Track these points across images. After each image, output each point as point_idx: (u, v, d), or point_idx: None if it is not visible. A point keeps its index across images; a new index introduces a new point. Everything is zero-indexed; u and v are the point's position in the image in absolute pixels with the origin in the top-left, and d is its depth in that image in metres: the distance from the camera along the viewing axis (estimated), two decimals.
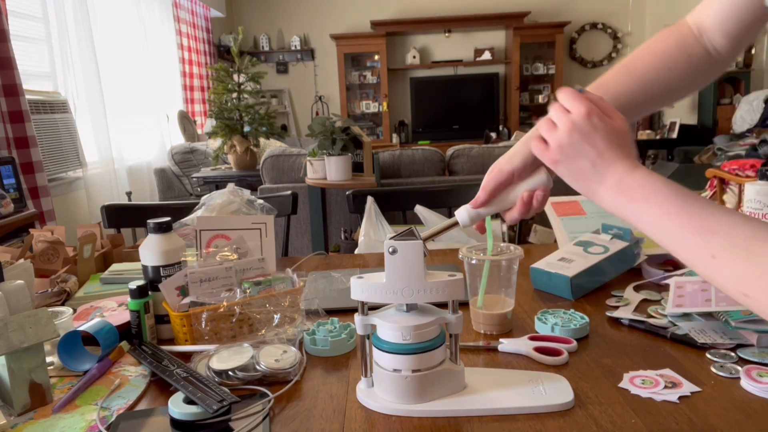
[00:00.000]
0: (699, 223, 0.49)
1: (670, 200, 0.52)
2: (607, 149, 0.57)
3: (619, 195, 0.56)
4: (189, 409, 0.67)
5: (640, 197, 0.54)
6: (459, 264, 1.25)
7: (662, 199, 0.53)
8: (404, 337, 0.68)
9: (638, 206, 0.54)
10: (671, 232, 0.51)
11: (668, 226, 0.51)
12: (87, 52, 3.50)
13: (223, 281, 0.94)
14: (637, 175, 0.56)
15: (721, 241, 0.47)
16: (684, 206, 0.51)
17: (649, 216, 0.53)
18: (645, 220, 0.54)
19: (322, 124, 2.78)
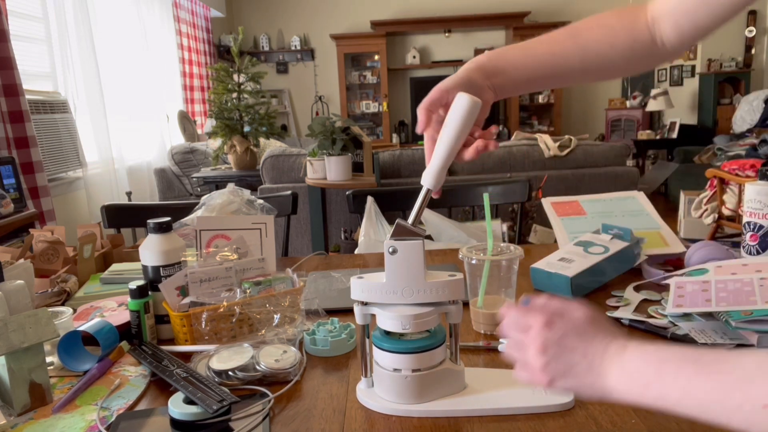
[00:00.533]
0: (727, 378, 0.44)
1: (681, 367, 0.47)
2: (588, 344, 0.53)
3: (631, 385, 0.49)
4: (189, 409, 0.67)
5: (652, 377, 0.48)
6: (459, 264, 1.25)
7: (675, 369, 0.47)
8: (404, 326, 0.67)
9: (655, 389, 0.48)
10: (705, 400, 0.45)
11: (698, 395, 0.45)
12: (87, 52, 3.50)
13: (223, 281, 0.94)
14: (631, 355, 0.50)
15: (764, 386, 0.42)
16: (701, 367, 0.46)
17: (674, 395, 0.46)
18: (672, 400, 0.47)
19: (322, 124, 2.78)
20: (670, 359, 0.47)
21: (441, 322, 0.72)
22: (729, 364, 0.44)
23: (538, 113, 6.85)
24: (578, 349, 0.53)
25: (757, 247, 1.07)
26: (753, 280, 0.87)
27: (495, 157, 3.08)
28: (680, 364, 0.47)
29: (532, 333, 0.55)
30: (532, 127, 6.74)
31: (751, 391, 0.42)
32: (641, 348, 0.50)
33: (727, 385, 0.43)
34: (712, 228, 2.88)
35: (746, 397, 0.42)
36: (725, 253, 1.07)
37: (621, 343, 0.52)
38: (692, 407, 0.45)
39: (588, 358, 0.52)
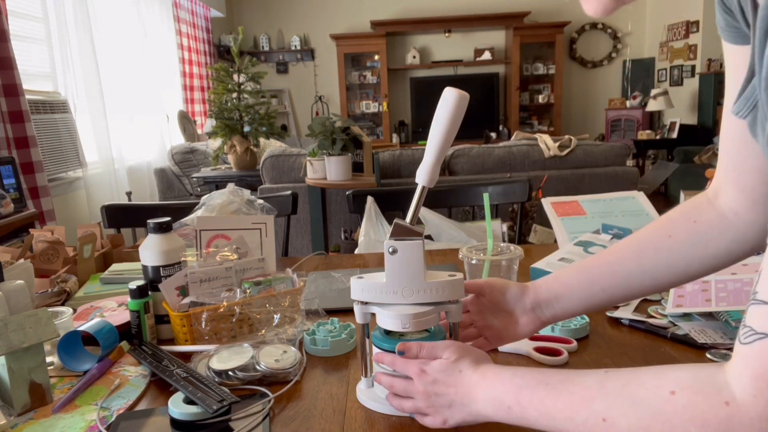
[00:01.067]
0: (572, 397, 0.50)
1: (535, 391, 0.53)
2: (456, 381, 0.59)
3: (497, 409, 0.56)
4: (189, 409, 0.67)
5: (512, 402, 0.54)
6: (459, 264, 1.25)
7: (530, 394, 0.53)
8: (404, 325, 0.67)
9: (516, 412, 0.54)
10: (558, 418, 0.51)
11: (551, 413, 0.51)
12: (87, 52, 3.50)
13: (223, 281, 0.94)
14: (490, 382, 0.57)
15: (602, 403, 0.47)
16: (550, 391, 0.52)
17: (532, 415, 0.53)
18: (531, 420, 0.53)
19: (322, 124, 2.78)
20: (524, 385, 0.54)
21: (441, 321, 0.72)
22: (574, 385, 0.51)
23: (538, 113, 6.85)
24: (450, 386, 0.60)
25: None
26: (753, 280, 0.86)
27: (495, 157, 3.08)
28: (534, 388, 0.53)
29: (413, 383, 0.62)
30: (532, 127, 6.75)
31: (593, 408, 0.48)
32: (498, 374, 0.57)
33: (574, 403, 0.50)
34: None
35: (589, 413, 0.48)
36: None
37: (481, 372, 0.58)
38: (548, 424, 0.52)
39: (460, 393, 0.59)
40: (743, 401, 0.39)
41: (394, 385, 0.65)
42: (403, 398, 0.64)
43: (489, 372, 0.58)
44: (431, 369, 0.61)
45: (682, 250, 0.67)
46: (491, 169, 3.09)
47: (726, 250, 0.65)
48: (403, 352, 0.65)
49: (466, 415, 0.59)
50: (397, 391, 0.65)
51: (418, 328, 0.68)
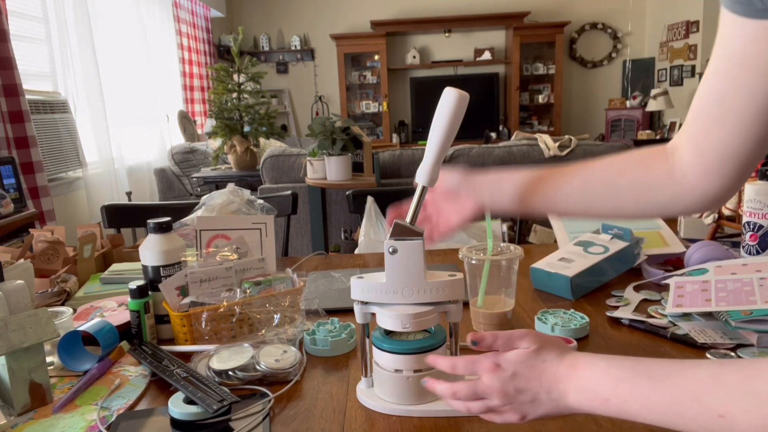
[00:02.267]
0: (684, 392, 0.46)
1: (636, 385, 0.49)
2: (540, 372, 0.55)
3: (591, 401, 0.52)
4: (189, 409, 0.67)
5: (610, 395, 0.51)
6: (459, 264, 1.25)
7: (630, 387, 0.50)
8: (404, 325, 0.67)
9: (615, 404, 0.50)
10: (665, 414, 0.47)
11: (657, 409, 0.48)
12: (87, 52, 3.50)
13: (223, 281, 0.94)
14: (583, 374, 0.53)
15: (717, 396, 0.44)
16: (655, 383, 0.48)
17: (634, 408, 0.49)
18: (632, 413, 0.49)
19: (322, 124, 2.78)
20: (623, 377, 0.50)
21: (441, 321, 0.72)
22: (683, 378, 0.47)
23: (538, 113, 6.85)
24: (533, 380, 0.55)
25: (756, 247, 1.07)
26: (753, 280, 0.87)
27: (495, 157, 3.08)
28: (635, 381, 0.49)
29: (485, 381, 0.56)
30: (532, 127, 6.74)
31: (706, 403, 0.44)
32: (592, 365, 0.53)
33: (685, 398, 0.46)
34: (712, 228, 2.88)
35: (703, 409, 0.44)
36: (725, 253, 1.07)
37: (570, 362, 0.54)
38: (652, 419, 0.48)
39: (545, 386, 0.54)
40: None
41: (457, 391, 0.58)
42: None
43: (579, 362, 0.53)
44: (508, 362, 0.56)
45: (624, 189, 0.69)
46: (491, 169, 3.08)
47: (662, 204, 0.68)
48: (477, 342, 0.60)
49: (551, 409, 0.54)
50: (462, 397, 0.58)
51: (418, 327, 0.68)
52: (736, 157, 0.59)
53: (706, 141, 0.61)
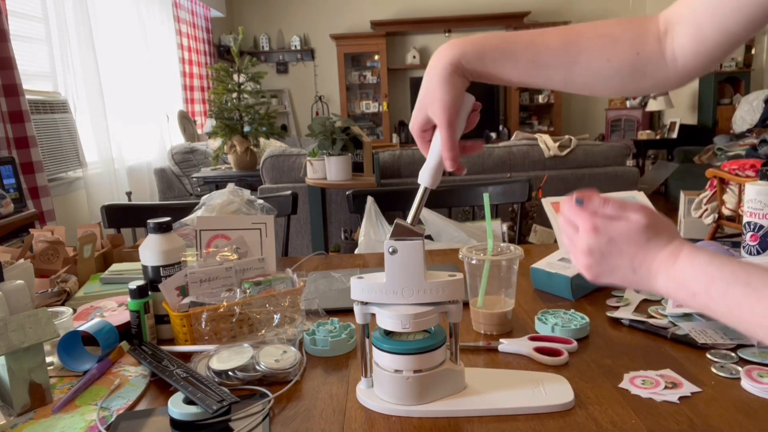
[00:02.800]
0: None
1: (729, 287, 0.48)
2: (638, 249, 0.53)
3: (678, 291, 0.52)
4: (189, 409, 0.66)
5: (700, 290, 0.50)
6: (459, 264, 1.25)
7: (723, 288, 0.48)
8: (404, 325, 0.67)
9: (702, 300, 0.50)
10: (750, 322, 0.47)
11: (743, 316, 0.47)
12: (87, 52, 3.50)
13: (223, 281, 0.94)
14: (681, 265, 0.51)
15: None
16: (749, 290, 0.47)
17: (720, 309, 0.49)
18: (717, 313, 0.49)
19: (322, 124, 2.78)
20: (720, 278, 0.49)
21: (441, 322, 0.72)
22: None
23: (538, 113, 6.85)
24: (626, 254, 0.53)
25: (757, 247, 1.07)
26: None
27: (495, 157, 3.08)
28: (729, 284, 0.48)
29: (580, 234, 0.55)
30: (532, 127, 6.74)
31: None
32: (692, 258, 0.51)
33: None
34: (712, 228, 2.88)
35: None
36: (725, 253, 1.07)
37: (673, 249, 0.52)
38: (736, 324, 0.48)
39: (635, 263, 0.53)
40: None
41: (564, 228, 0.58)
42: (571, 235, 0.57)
43: (682, 253, 0.52)
44: (610, 229, 0.54)
45: (610, 76, 0.64)
46: (491, 169, 3.09)
47: (647, 87, 0.64)
48: (582, 200, 0.56)
49: (630, 282, 0.54)
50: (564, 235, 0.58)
51: (417, 328, 0.68)
52: (731, 42, 0.56)
53: (711, 24, 0.56)
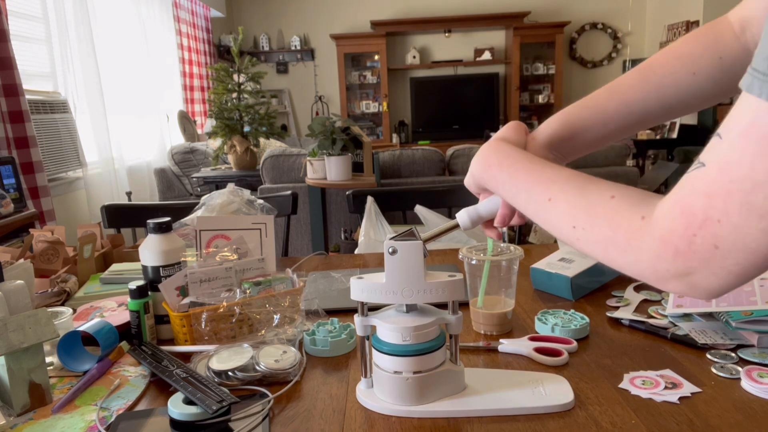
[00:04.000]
0: (541, 175, 0.56)
1: (518, 161, 0.60)
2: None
3: (478, 162, 0.64)
4: (188, 409, 0.66)
5: (494, 163, 0.62)
6: (459, 264, 1.25)
7: (512, 162, 0.60)
8: (404, 338, 0.68)
9: (493, 171, 0.62)
10: (520, 187, 0.57)
11: (517, 183, 0.58)
12: (87, 52, 3.50)
13: (223, 281, 0.94)
14: (492, 144, 0.65)
15: (559, 186, 0.53)
16: (529, 165, 0.58)
17: (504, 176, 0.60)
18: (501, 181, 0.61)
19: (322, 124, 2.78)
20: (511, 156, 0.61)
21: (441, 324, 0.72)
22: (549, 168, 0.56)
23: (538, 113, 6.85)
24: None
25: None
26: (753, 281, 0.87)
27: None
28: (517, 160, 0.60)
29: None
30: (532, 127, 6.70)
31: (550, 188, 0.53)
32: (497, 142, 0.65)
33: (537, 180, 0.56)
34: None
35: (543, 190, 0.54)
36: None
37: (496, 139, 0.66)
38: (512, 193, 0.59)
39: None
40: (654, 220, 0.41)
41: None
42: None
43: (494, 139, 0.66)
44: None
45: (705, 88, 0.63)
46: None
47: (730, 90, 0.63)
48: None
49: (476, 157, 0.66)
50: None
51: (418, 341, 0.68)
52: None
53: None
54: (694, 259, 0.38)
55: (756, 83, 0.35)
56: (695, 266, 0.38)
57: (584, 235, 0.48)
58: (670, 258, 0.39)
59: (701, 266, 0.38)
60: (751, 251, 0.36)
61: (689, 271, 0.39)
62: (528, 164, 0.58)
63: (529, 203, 0.56)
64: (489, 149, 0.64)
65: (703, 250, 0.38)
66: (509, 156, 0.61)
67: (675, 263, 0.39)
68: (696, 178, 0.38)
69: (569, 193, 0.51)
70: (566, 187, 0.52)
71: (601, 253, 0.47)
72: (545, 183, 0.54)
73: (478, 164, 0.64)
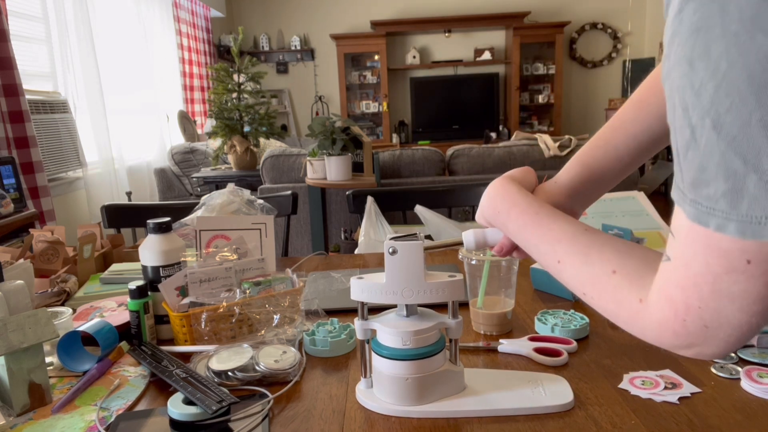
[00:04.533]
0: (548, 234, 0.57)
1: (525, 213, 0.61)
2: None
3: (487, 206, 0.65)
4: (188, 409, 0.66)
5: (502, 210, 0.63)
6: (459, 264, 1.25)
7: (520, 212, 0.61)
8: (404, 342, 0.68)
9: (502, 218, 0.63)
10: (530, 242, 0.59)
11: (526, 236, 0.60)
12: (87, 52, 3.50)
13: (222, 281, 0.94)
14: (495, 186, 0.66)
15: (565, 248, 0.55)
16: (536, 218, 0.59)
17: (513, 227, 0.62)
18: (510, 230, 0.62)
19: (322, 124, 2.78)
20: (520, 205, 0.62)
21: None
22: (555, 223, 0.58)
23: (538, 113, 6.85)
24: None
25: None
26: None
27: (495, 157, 3.08)
28: (525, 211, 0.61)
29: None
30: (532, 127, 6.74)
31: (556, 247, 0.56)
32: (505, 183, 0.66)
33: (545, 238, 0.57)
34: None
35: (552, 250, 0.56)
36: None
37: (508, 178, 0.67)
38: (520, 242, 0.61)
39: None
40: (649, 305, 0.44)
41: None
42: None
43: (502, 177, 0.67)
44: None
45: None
46: (491, 169, 3.09)
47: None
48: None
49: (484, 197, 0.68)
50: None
51: (418, 345, 0.68)
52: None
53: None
54: (691, 337, 0.42)
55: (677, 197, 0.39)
56: (695, 342, 0.42)
57: (595, 303, 0.52)
58: (671, 337, 0.43)
59: (700, 341, 0.42)
60: (736, 326, 0.39)
61: (691, 345, 0.42)
62: (535, 217, 0.59)
63: (540, 258, 0.58)
64: (496, 192, 0.65)
65: (696, 331, 0.41)
66: (517, 204, 0.62)
67: (677, 341, 0.43)
68: (668, 271, 0.42)
69: (575, 261, 0.53)
70: (571, 251, 0.54)
71: (613, 320, 0.50)
72: (552, 243, 0.56)
73: (488, 207, 0.65)
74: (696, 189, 0.36)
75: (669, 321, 0.42)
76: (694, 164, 0.36)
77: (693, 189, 0.37)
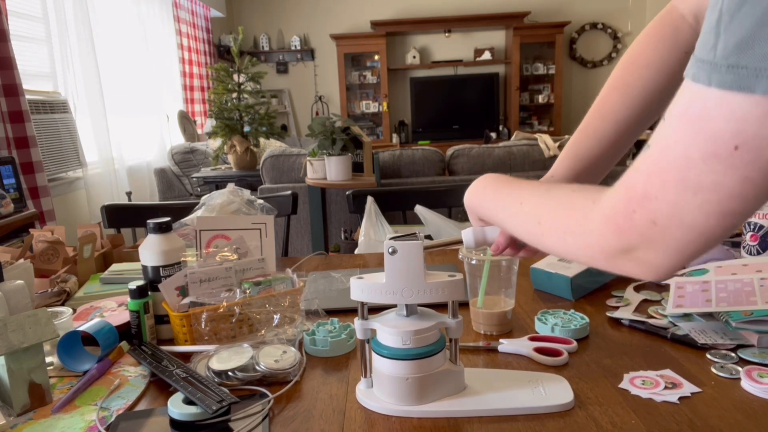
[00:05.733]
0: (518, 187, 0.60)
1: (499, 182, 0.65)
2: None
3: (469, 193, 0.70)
4: (188, 409, 0.66)
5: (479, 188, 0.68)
6: (459, 264, 1.25)
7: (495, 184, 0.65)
8: (404, 342, 0.68)
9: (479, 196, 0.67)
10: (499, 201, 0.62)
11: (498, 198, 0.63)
12: (87, 52, 3.50)
13: (223, 281, 0.94)
14: (481, 177, 0.69)
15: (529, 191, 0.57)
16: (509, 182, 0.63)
17: (487, 197, 0.65)
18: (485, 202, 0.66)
19: (322, 124, 2.78)
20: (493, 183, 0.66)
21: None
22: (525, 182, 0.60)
23: (538, 113, 6.85)
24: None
25: (757, 247, 1.07)
26: (753, 281, 0.86)
27: (495, 157, 3.08)
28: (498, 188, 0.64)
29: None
30: (532, 127, 6.74)
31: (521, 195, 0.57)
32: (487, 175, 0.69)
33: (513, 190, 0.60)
34: None
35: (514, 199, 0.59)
36: (725, 253, 1.07)
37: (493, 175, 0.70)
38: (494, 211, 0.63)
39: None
40: (601, 203, 0.43)
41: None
42: None
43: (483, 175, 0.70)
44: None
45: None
46: (491, 169, 3.09)
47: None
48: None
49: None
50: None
51: (418, 344, 0.68)
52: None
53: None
54: (634, 234, 0.40)
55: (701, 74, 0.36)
56: (636, 242, 0.40)
57: (546, 228, 0.51)
58: (612, 234, 0.41)
59: (641, 242, 0.40)
60: (687, 227, 0.38)
61: (631, 246, 0.41)
62: (508, 182, 0.63)
63: (504, 212, 0.60)
64: (475, 183, 0.70)
65: (641, 225, 0.39)
66: (494, 180, 0.66)
67: (618, 239, 0.41)
68: (641, 160, 0.40)
69: (536, 195, 0.55)
70: (536, 191, 0.56)
71: (561, 244, 0.49)
72: (518, 190, 0.59)
73: (468, 193, 0.70)
74: (742, 52, 0.33)
75: (616, 211, 0.41)
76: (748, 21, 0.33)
77: (737, 53, 0.33)
